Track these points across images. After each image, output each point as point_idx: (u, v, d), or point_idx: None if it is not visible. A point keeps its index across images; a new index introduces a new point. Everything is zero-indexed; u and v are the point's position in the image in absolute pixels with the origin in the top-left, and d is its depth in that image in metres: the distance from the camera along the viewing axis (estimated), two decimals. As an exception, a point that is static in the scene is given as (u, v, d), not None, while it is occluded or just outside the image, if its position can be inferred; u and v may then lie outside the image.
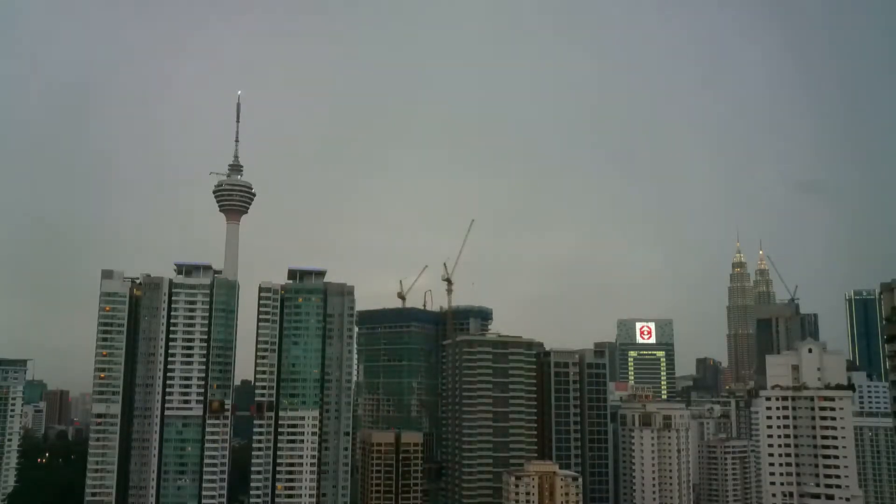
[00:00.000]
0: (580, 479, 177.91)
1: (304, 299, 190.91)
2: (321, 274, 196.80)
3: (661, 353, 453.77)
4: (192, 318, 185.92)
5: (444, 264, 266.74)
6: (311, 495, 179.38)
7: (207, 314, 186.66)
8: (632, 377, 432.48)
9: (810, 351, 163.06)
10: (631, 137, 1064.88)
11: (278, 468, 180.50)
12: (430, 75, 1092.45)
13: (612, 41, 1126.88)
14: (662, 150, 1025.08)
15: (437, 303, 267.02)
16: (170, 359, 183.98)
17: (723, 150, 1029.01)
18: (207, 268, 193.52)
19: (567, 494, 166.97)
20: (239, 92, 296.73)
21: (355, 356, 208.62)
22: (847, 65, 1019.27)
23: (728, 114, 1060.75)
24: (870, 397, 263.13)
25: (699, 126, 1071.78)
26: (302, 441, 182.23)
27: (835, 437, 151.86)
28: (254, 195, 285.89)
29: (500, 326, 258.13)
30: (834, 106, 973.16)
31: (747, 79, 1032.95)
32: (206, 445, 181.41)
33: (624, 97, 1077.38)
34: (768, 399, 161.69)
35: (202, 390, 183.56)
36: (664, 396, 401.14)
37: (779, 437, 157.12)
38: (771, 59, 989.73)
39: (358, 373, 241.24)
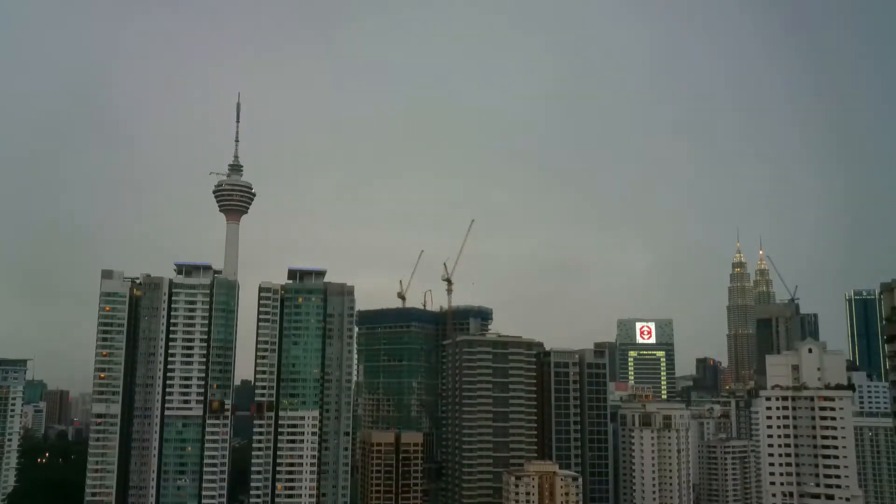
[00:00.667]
0: (580, 479, 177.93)
1: (304, 299, 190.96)
2: (321, 274, 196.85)
3: (661, 353, 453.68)
4: (192, 318, 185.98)
5: (444, 264, 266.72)
6: (311, 495, 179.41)
7: (207, 314, 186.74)
8: (632, 377, 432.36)
9: (810, 351, 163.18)
10: (630, 136, 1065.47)
11: (278, 468, 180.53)
12: (427, 76, 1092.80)
13: (605, 38, 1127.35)
14: (663, 150, 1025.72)
15: (437, 303, 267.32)
16: (170, 359, 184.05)
17: (723, 150, 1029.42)
18: (207, 268, 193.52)
19: (567, 494, 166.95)
20: (239, 92, 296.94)
21: (355, 356, 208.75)
22: (847, 62, 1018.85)
23: (728, 112, 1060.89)
24: (870, 397, 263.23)
25: (700, 125, 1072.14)
26: (302, 441, 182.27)
27: (835, 437, 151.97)
28: (254, 195, 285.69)
29: (501, 326, 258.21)
30: (835, 104, 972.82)
31: (752, 75, 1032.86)
32: (206, 445, 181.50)
33: (625, 96, 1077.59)
34: (768, 399, 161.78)
35: (202, 390, 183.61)
36: (664, 396, 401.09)
37: (779, 437, 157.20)
38: (771, 55, 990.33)
39: (358, 373, 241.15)
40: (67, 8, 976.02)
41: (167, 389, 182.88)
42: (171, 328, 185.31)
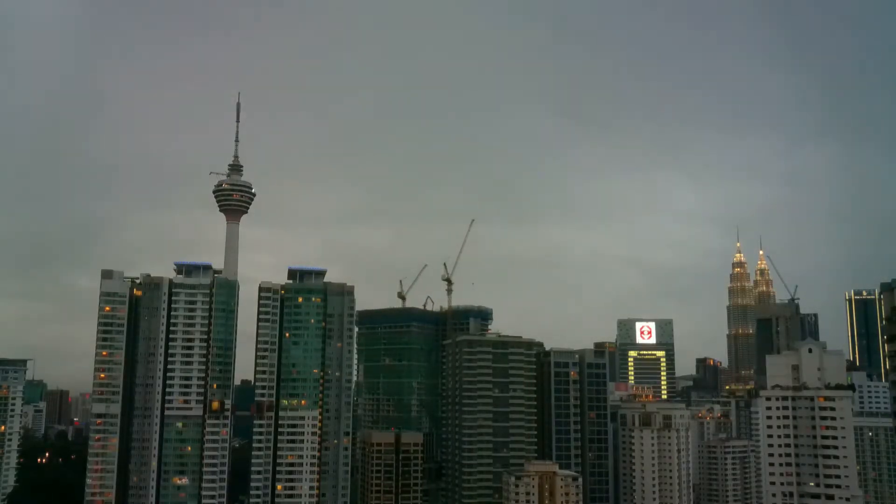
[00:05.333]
0: (580, 479, 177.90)
1: (304, 299, 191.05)
2: (321, 274, 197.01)
3: (661, 353, 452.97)
4: (192, 318, 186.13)
5: (444, 264, 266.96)
6: (311, 495, 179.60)
7: (207, 314, 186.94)
8: (632, 377, 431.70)
9: (810, 351, 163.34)
10: (629, 133, 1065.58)
11: (278, 468, 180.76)
12: (427, 73, 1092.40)
13: (607, 28, 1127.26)
14: (662, 148, 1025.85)
15: (438, 303, 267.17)
16: (170, 359, 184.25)
17: (723, 149, 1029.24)
18: (207, 268, 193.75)
19: (567, 494, 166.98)
20: (239, 92, 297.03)
21: (355, 356, 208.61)
22: (850, 61, 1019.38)
23: (730, 111, 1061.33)
24: (870, 397, 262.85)
25: (700, 122, 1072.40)
26: (302, 441, 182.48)
27: (835, 437, 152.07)
28: (254, 195, 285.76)
29: (501, 326, 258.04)
30: (836, 104, 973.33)
31: (751, 74, 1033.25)
32: (206, 445, 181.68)
33: (625, 91, 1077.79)
34: (768, 399, 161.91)
35: (202, 390, 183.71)
36: (664, 396, 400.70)
37: (779, 437, 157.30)
38: (775, 52, 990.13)
39: (358, 373, 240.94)
40: (68, 8, 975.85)
41: (167, 389, 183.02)
42: (171, 328, 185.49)
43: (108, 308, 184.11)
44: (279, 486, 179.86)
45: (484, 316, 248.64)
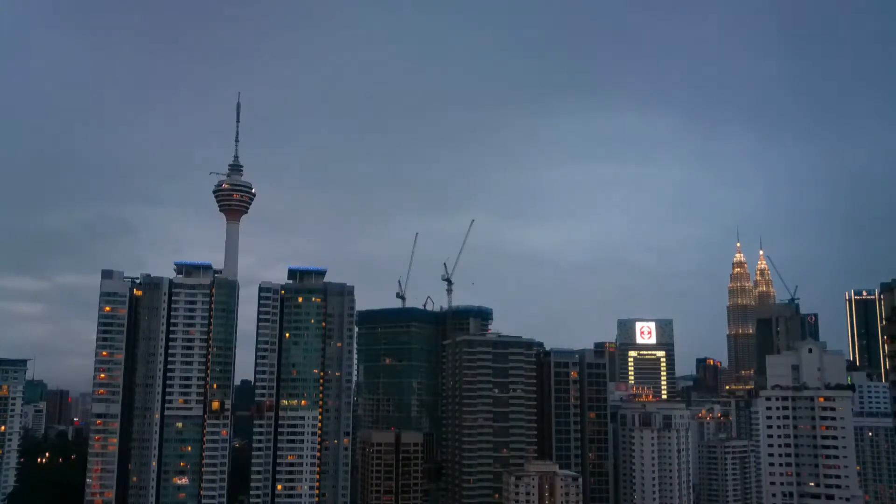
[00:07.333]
0: (580, 479, 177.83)
1: (304, 299, 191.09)
2: (321, 274, 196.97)
3: (661, 353, 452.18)
4: (192, 318, 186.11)
5: (444, 264, 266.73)
6: (311, 495, 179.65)
7: (207, 314, 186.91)
8: (632, 377, 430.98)
9: (810, 351, 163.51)
10: (629, 134, 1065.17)
11: (278, 468, 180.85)
12: (428, 72, 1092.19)
13: (605, 25, 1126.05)
14: (662, 148, 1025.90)
15: (438, 303, 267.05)
16: (170, 359, 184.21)
17: (723, 149, 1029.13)
18: (207, 268, 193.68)
19: (567, 494, 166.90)
20: (239, 92, 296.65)
21: (355, 356, 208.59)
22: (851, 62, 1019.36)
23: (730, 111, 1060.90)
24: (870, 397, 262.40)
25: (701, 122, 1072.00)
26: (302, 441, 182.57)
27: (835, 437, 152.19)
28: (254, 195, 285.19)
29: (501, 326, 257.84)
30: (837, 104, 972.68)
31: (751, 74, 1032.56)
32: (206, 445, 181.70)
33: (625, 93, 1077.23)
34: (768, 399, 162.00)
35: (202, 390, 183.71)
36: (664, 396, 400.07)
37: (779, 437, 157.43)
38: (776, 51, 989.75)
39: (358, 373, 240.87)
40: (69, 9, 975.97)
41: (167, 389, 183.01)
42: (171, 328, 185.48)
43: (108, 308, 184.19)
44: (279, 486, 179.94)
45: (484, 316, 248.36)
